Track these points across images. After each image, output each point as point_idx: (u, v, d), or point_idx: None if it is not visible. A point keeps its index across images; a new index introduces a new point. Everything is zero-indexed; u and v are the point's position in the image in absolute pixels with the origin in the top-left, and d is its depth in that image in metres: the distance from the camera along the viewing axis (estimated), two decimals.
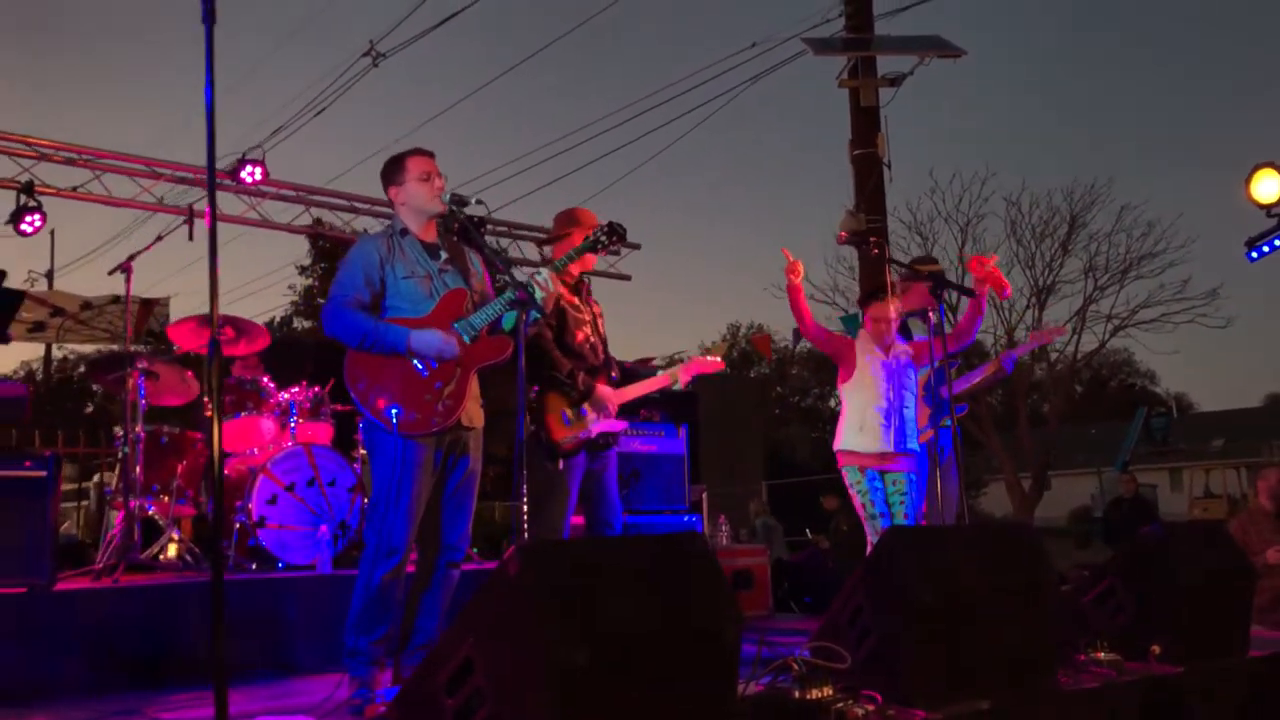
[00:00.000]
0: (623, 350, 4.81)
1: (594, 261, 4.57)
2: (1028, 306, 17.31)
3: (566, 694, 2.18)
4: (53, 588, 4.31)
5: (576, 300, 4.42)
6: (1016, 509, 17.02)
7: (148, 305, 9.14)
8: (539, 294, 3.68)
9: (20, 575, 4.19)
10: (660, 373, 4.49)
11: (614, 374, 4.42)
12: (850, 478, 4.96)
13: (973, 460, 18.65)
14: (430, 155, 3.81)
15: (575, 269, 4.39)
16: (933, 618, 3.15)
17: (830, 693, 2.91)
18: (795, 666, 2.96)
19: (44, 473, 4.33)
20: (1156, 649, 3.86)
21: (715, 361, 4.55)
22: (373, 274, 3.67)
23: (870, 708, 2.92)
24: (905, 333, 5.24)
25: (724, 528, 8.33)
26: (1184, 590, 3.94)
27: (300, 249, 28.76)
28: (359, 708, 3.45)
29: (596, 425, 4.25)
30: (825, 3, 10.98)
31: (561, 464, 4.18)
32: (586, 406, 4.24)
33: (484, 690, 2.29)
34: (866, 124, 10.45)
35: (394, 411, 3.54)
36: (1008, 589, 3.32)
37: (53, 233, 22.41)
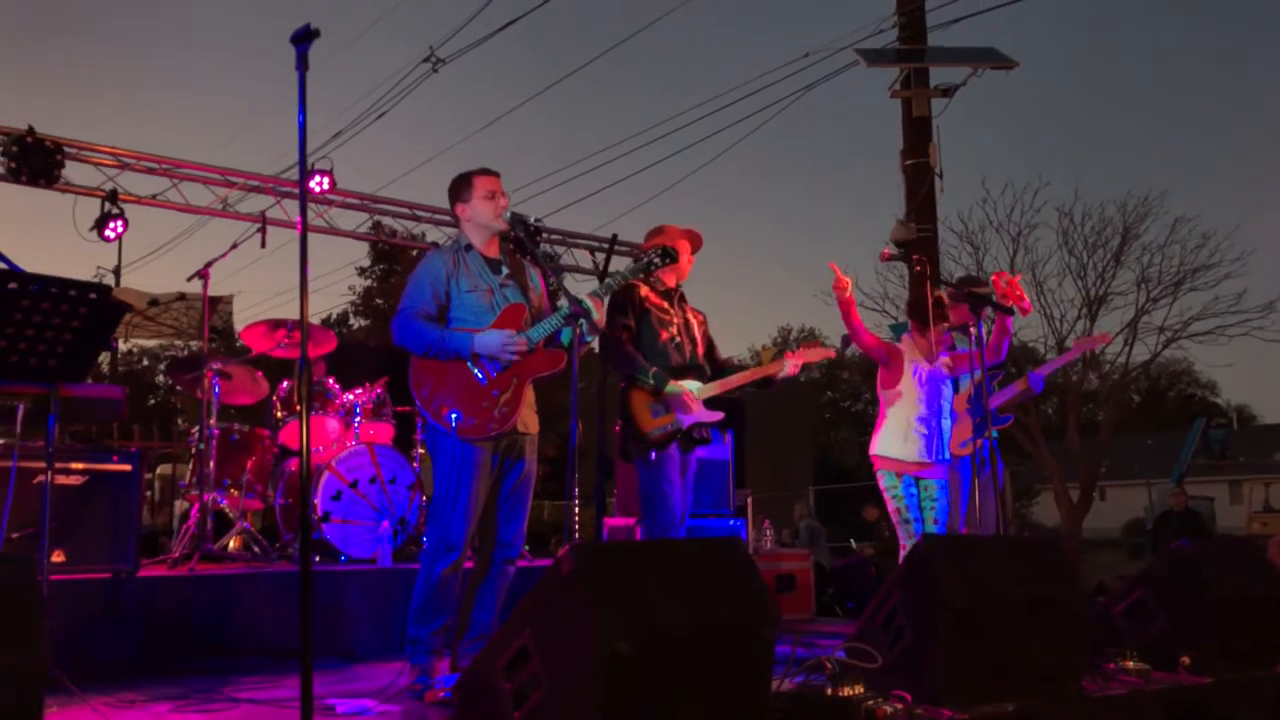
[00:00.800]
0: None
1: (687, 272, 4.80)
2: (1079, 317, 17.24)
3: (613, 681, 2.38)
4: (136, 574, 4.62)
5: (666, 305, 4.66)
6: (1064, 519, 16.94)
7: (212, 304, 9.49)
8: (594, 312, 3.89)
9: (107, 562, 4.50)
10: (764, 364, 4.67)
11: (708, 374, 4.64)
12: (886, 481, 5.12)
13: (1025, 469, 18.57)
14: (496, 175, 4.04)
15: (669, 278, 4.68)
16: (963, 622, 3.31)
17: (861, 691, 3.08)
18: (828, 665, 3.14)
19: (129, 466, 4.64)
20: (1186, 660, 3.98)
21: (826, 350, 4.80)
22: (439, 288, 3.91)
23: (899, 706, 3.08)
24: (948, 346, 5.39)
25: (768, 532, 8.49)
26: (1214, 604, 4.05)
27: (359, 251, 29.37)
28: (419, 693, 3.68)
29: (687, 418, 4.47)
30: (879, 13, 11.09)
31: (654, 455, 4.42)
32: (672, 400, 4.46)
33: (539, 676, 2.51)
34: (918, 134, 10.50)
35: (454, 416, 3.77)
36: (1037, 598, 3.47)
37: None
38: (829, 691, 3.05)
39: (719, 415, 4.58)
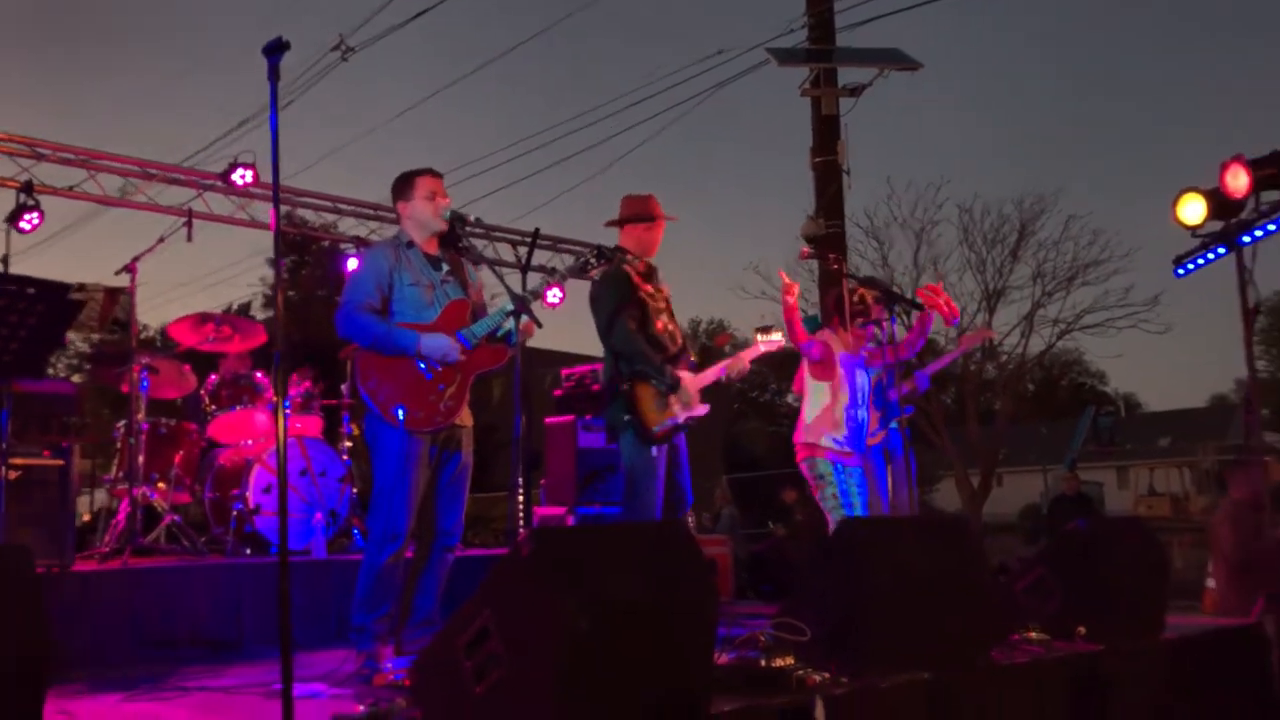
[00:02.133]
0: (589, 346, 5.18)
1: (654, 250, 4.83)
2: (979, 310, 17.99)
3: (572, 657, 2.56)
4: (71, 568, 4.63)
5: (651, 288, 4.76)
6: (965, 505, 17.68)
7: (113, 294, 9.34)
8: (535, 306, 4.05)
9: (42, 556, 4.49)
10: (727, 358, 4.87)
11: (691, 358, 4.81)
12: (820, 469, 5.38)
13: (926, 457, 19.23)
14: (439, 176, 4.18)
15: (640, 253, 4.77)
16: (884, 599, 3.57)
17: (792, 662, 3.31)
18: (761, 639, 3.37)
19: (62, 461, 4.65)
20: (1082, 630, 4.33)
21: (775, 341, 4.95)
22: (382, 281, 4.03)
23: (826, 676, 3.33)
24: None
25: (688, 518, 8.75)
26: (1106, 578, 4.41)
27: (268, 240, 28.71)
28: (367, 677, 3.80)
29: (684, 412, 4.65)
30: (789, 14, 11.37)
31: (655, 451, 4.60)
32: (673, 397, 4.62)
33: (498, 654, 2.67)
34: (827, 132, 10.75)
35: (401, 410, 3.90)
36: (948, 575, 3.75)
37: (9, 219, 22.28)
38: (763, 663, 3.27)
39: (707, 408, 4.73)
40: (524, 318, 3.96)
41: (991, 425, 19.88)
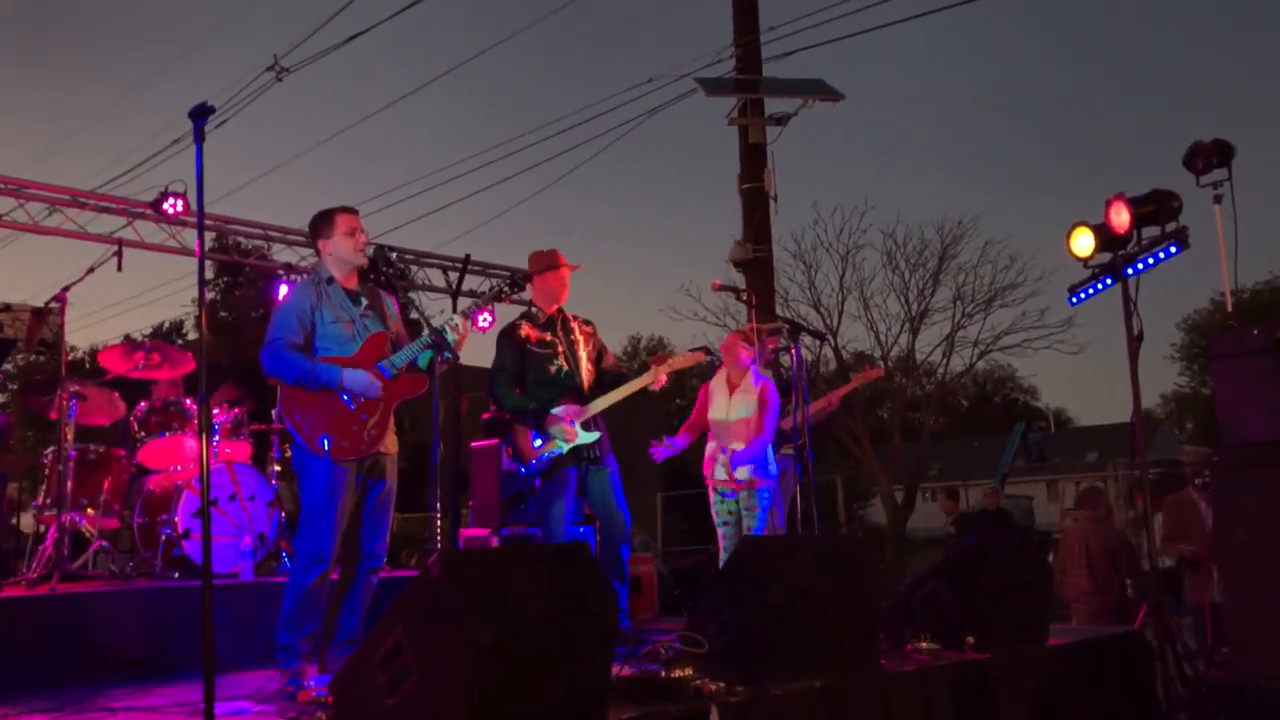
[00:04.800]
0: None
1: (564, 296, 5.28)
2: (902, 330, 18.52)
3: (478, 668, 2.79)
4: None
5: (548, 336, 5.16)
6: (890, 520, 18.14)
7: (39, 314, 9.34)
8: (451, 336, 4.27)
9: None
10: (635, 378, 5.18)
11: (587, 389, 5.14)
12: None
13: (860, 473, 19.70)
14: (356, 213, 4.38)
15: (549, 306, 5.21)
16: (777, 612, 3.84)
17: (691, 672, 3.56)
18: (662, 652, 3.61)
19: None
20: (970, 639, 4.64)
21: (693, 355, 5.41)
22: (305, 318, 4.22)
23: (722, 685, 3.58)
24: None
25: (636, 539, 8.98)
26: (991, 590, 4.73)
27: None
28: (291, 694, 3.97)
29: (568, 443, 5.01)
30: (717, 44, 11.73)
31: (539, 482, 5.06)
32: (552, 431, 4.99)
33: (410, 667, 2.89)
34: (754, 159, 11.08)
35: (325, 440, 4.09)
36: (837, 589, 4.04)
37: None
38: (663, 674, 3.51)
39: (596, 434, 5.08)
40: (444, 351, 4.18)
41: (917, 441, 20.41)
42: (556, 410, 5.04)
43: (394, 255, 4.51)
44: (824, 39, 12.70)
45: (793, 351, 5.53)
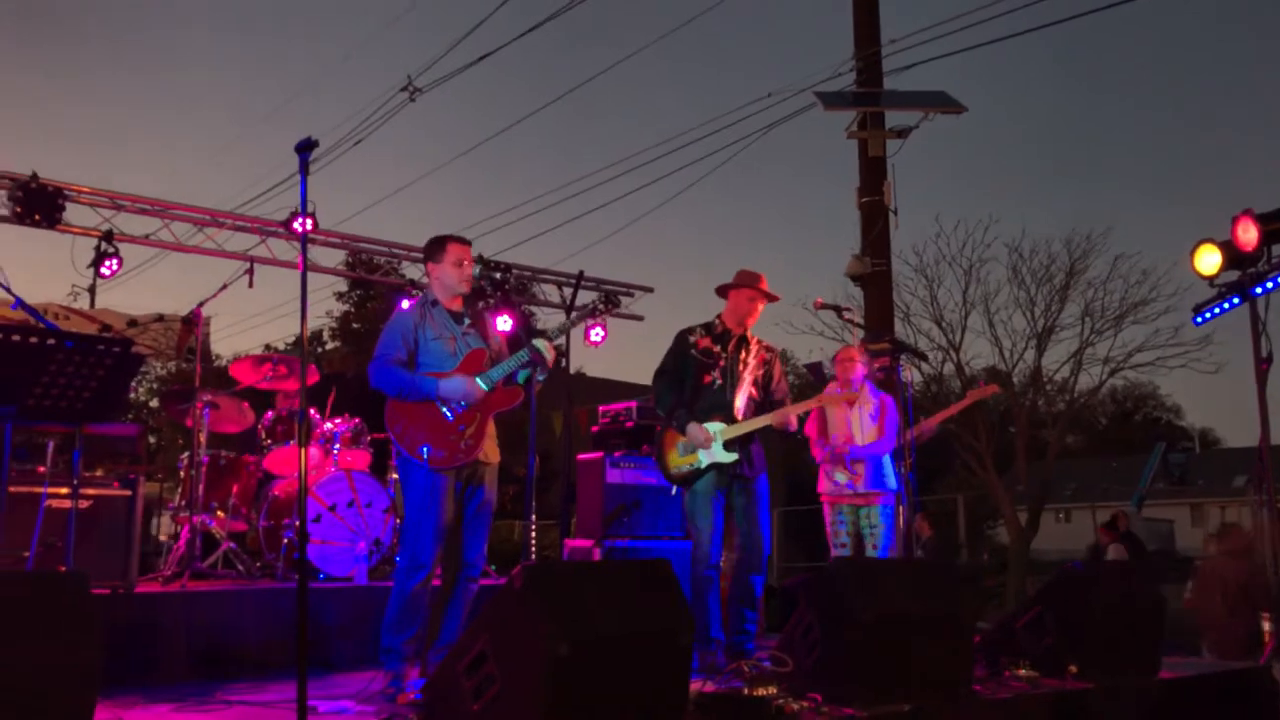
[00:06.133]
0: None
1: (750, 320, 5.21)
2: (1026, 347, 17.94)
3: (556, 679, 2.88)
4: (133, 590, 5.06)
5: (716, 348, 5.17)
6: (1013, 542, 17.57)
7: (188, 324, 9.94)
8: (546, 353, 4.41)
9: (108, 578, 4.94)
10: (773, 412, 5.07)
11: (739, 412, 5.05)
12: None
13: (986, 493, 19.15)
14: (467, 244, 4.58)
15: (730, 320, 5.21)
16: (868, 634, 3.82)
17: (775, 691, 3.58)
18: (746, 670, 3.65)
19: (129, 492, 5.09)
20: (1074, 668, 4.51)
21: (807, 403, 5.35)
22: (408, 336, 4.44)
23: (806, 705, 3.59)
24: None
25: (729, 555, 8.97)
26: (1098, 618, 4.59)
27: (333, 277, 29.58)
28: (392, 695, 4.14)
29: (708, 458, 4.99)
30: (837, 58, 11.63)
31: (675, 490, 5.10)
32: (689, 434, 5.01)
33: (494, 675, 3.00)
34: (874, 172, 10.94)
35: (425, 450, 4.28)
36: (930, 613, 3.99)
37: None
38: (746, 692, 3.55)
39: (731, 457, 4.96)
40: (538, 364, 4.33)
41: (1043, 461, 19.70)
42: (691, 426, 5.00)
43: (512, 272, 4.63)
44: (945, 51, 12.45)
45: (897, 371, 5.48)
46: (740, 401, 5.09)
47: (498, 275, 8.09)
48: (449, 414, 4.33)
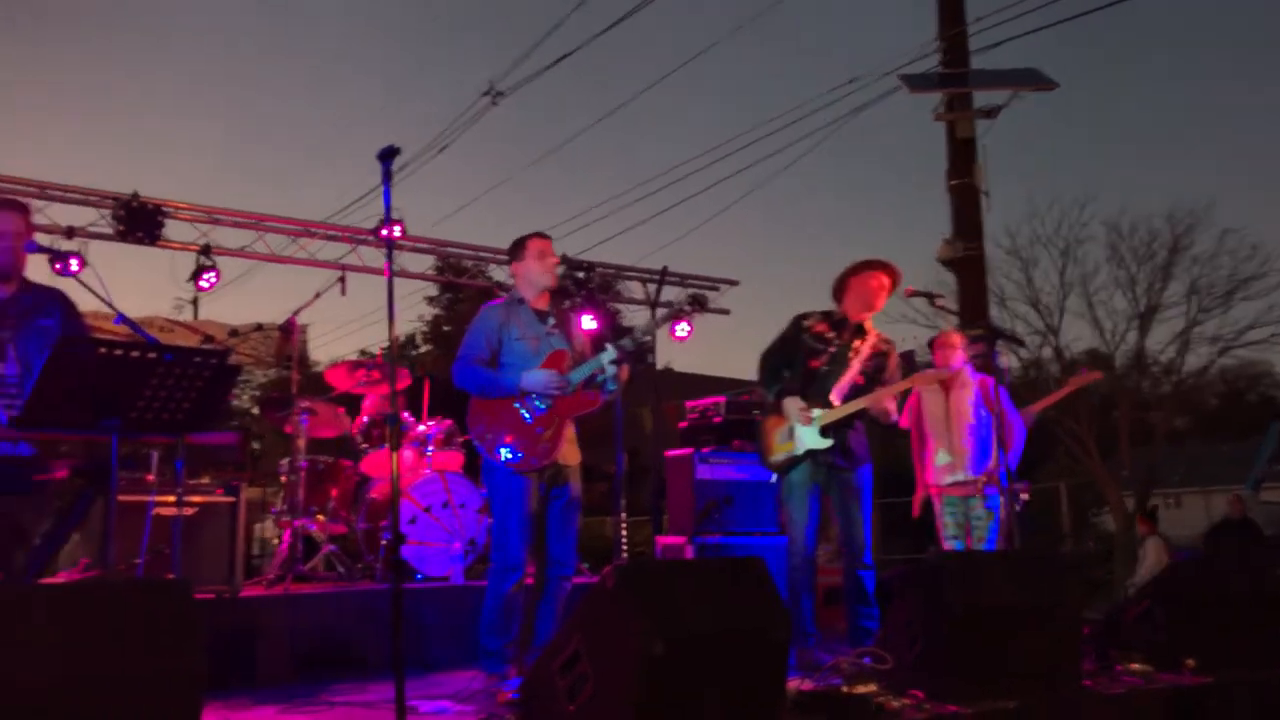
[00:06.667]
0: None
1: (876, 306, 5.08)
2: (1129, 328, 17.34)
3: (650, 678, 2.86)
4: (238, 594, 5.20)
5: (830, 334, 5.07)
6: (1119, 529, 17.02)
7: (285, 333, 10.23)
8: (611, 365, 4.40)
9: (214, 583, 5.09)
10: (867, 395, 4.92)
11: (837, 398, 4.91)
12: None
13: (1091, 479, 18.59)
14: (547, 238, 4.59)
15: (851, 308, 5.06)
16: (970, 628, 3.72)
17: (874, 689, 3.51)
18: (844, 666, 3.58)
19: (233, 499, 5.24)
20: (1191, 663, 4.33)
21: (898, 385, 5.07)
22: (491, 336, 4.48)
23: (908, 702, 3.51)
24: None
25: (824, 548, 8.85)
26: (1216, 609, 4.39)
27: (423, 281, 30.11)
28: (491, 696, 4.17)
29: (799, 445, 4.89)
30: (921, 38, 11.38)
31: (774, 478, 5.00)
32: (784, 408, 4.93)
33: (588, 674, 2.99)
34: (963, 155, 10.67)
35: (504, 451, 4.31)
36: (1035, 606, 3.86)
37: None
38: (845, 689, 3.48)
39: (826, 443, 4.84)
40: (623, 364, 4.31)
41: (1149, 445, 19.03)
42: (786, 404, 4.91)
43: (595, 270, 4.64)
44: (1032, 27, 12.10)
45: (994, 358, 5.32)
46: (843, 391, 4.97)
47: (581, 274, 8.17)
48: (527, 416, 4.35)
